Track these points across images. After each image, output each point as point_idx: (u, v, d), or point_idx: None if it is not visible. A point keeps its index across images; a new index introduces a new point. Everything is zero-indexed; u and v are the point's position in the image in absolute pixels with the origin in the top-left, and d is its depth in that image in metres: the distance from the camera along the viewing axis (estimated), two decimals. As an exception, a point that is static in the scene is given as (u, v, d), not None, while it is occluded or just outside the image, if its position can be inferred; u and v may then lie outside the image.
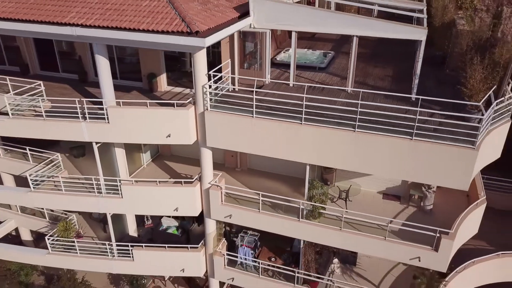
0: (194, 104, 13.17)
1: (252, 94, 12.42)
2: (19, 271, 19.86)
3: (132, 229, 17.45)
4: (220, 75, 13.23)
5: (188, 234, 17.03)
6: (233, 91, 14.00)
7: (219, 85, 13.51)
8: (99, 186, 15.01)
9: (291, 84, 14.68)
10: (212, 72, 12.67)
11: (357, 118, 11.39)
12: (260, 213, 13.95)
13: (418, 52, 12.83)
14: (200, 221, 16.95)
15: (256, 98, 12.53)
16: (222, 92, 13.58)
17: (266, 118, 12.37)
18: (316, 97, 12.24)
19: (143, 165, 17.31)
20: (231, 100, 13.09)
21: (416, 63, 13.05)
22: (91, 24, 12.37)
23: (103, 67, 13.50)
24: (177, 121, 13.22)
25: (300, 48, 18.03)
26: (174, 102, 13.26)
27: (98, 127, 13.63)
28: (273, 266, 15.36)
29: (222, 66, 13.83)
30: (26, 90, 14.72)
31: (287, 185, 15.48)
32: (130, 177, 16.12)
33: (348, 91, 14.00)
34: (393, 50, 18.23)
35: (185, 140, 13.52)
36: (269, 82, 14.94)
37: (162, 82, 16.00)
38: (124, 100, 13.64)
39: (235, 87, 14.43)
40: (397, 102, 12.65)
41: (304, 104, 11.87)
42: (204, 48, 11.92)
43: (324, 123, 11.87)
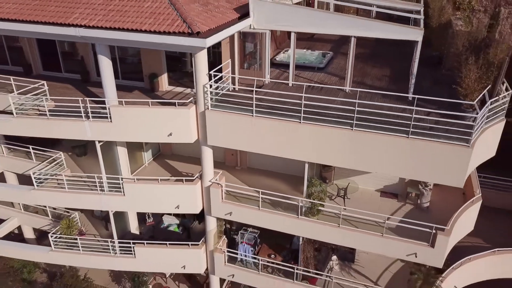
0: (195, 103, 13.40)
1: (252, 94, 12.63)
2: (22, 269, 20.05)
3: (134, 227, 17.66)
4: (221, 75, 13.45)
5: (189, 232, 17.23)
6: (234, 91, 14.20)
7: (220, 85, 13.74)
8: (102, 184, 15.23)
9: (291, 84, 14.89)
10: (213, 72, 12.90)
11: (355, 117, 11.62)
12: (260, 211, 14.15)
13: (415, 53, 13.07)
14: (201, 219, 17.16)
15: (256, 98, 12.74)
16: (223, 92, 13.81)
17: (266, 117, 12.59)
18: (315, 97, 12.43)
19: (145, 164, 17.53)
20: (232, 100, 13.33)
21: (413, 63, 13.30)
22: (94, 25, 12.57)
23: (106, 67, 13.71)
24: (179, 120, 13.44)
25: (299, 49, 18.22)
26: (176, 102, 13.48)
27: (101, 126, 13.84)
28: (273, 263, 15.57)
29: (223, 66, 14.02)
30: (30, 90, 14.92)
31: (286, 183, 15.70)
32: (132, 176, 16.34)
33: (346, 91, 14.24)
34: (391, 51, 18.43)
35: (186, 139, 13.75)
36: (269, 82, 15.16)
37: (164, 82, 16.21)
38: (127, 100, 13.86)
39: (235, 87, 14.63)
40: (394, 101, 12.86)
41: (303, 103, 12.09)
42: (205, 49, 12.13)
43: (323, 122, 12.10)
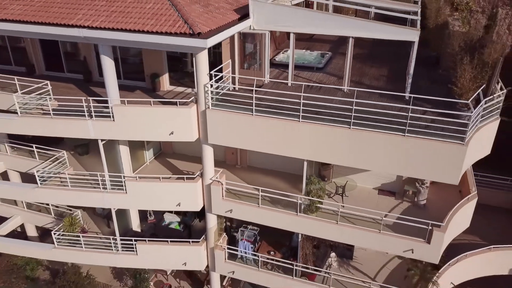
0: (196, 103, 13.66)
1: (252, 93, 12.87)
2: (25, 266, 20.31)
3: (136, 225, 17.91)
4: (221, 75, 13.71)
5: (190, 229, 17.47)
6: (234, 90, 14.46)
7: (220, 84, 13.99)
8: (104, 182, 15.48)
9: (290, 84, 15.11)
10: (214, 72, 13.16)
11: (352, 116, 11.88)
12: (260, 208, 14.40)
13: (411, 53, 13.30)
14: (201, 217, 17.40)
15: (256, 97, 12.98)
16: (223, 91, 14.07)
17: (265, 116, 12.84)
18: (314, 96, 12.63)
19: (146, 162, 17.77)
20: (232, 99, 13.61)
21: (409, 63, 13.54)
22: (97, 26, 12.79)
23: (108, 67, 13.95)
24: (180, 119, 13.70)
25: (299, 49, 18.42)
26: (177, 101, 13.74)
27: (104, 125, 14.09)
28: (272, 260, 15.81)
29: (223, 66, 14.24)
30: (33, 90, 15.16)
31: (286, 181, 15.92)
32: (134, 174, 16.58)
33: (344, 90, 14.48)
34: (389, 51, 18.63)
35: (188, 137, 14.00)
36: (268, 82, 15.40)
37: (165, 82, 16.46)
38: (129, 99, 14.10)
39: (236, 86, 14.87)
40: (392, 101, 13.13)
41: (302, 103, 12.35)
42: (206, 49, 12.38)
43: (321, 121, 12.34)
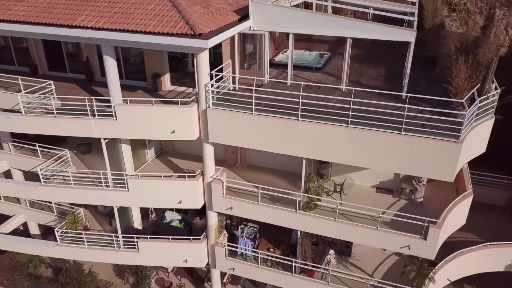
0: (197, 102, 13.91)
1: (252, 93, 13.12)
2: (28, 264, 20.55)
3: (137, 222, 18.16)
4: (222, 75, 13.97)
5: (191, 227, 17.68)
6: (234, 90, 14.73)
7: (221, 84, 14.24)
8: (107, 180, 15.73)
9: (289, 83, 15.37)
10: (214, 72, 13.42)
11: (350, 115, 12.14)
12: (260, 205, 14.65)
13: (408, 53, 13.56)
14: (202, 215, 17.59)
15: (256, 96, 13.22)
16: (224, 91, 14.34)
17: (265, 115, 13.08)
18: (312, 95, 12.87)
19: (148, 161, 18.02)
20: (232, 98, 13.88)
21: (406, 63, 13.80)
22: (100, 27, 13.03)
23: (111, 67, 14.19)
24: (181, 118, 13.94)
25: (298, 49, 18.71)
26: (178, 100, 14.00)
27: (107, 124, 14.33)
28: (272, 256, 16.06)
29: (223, 66, 14.48)
30: (37, 89, 15.41)
31: (285, 180, 16.17)
32: (136, 172, 16.83)
33: (343, 90, 14.75)
34: (387, 52, 18.85)
35: (189, 136, 14.25)
36: (268, 81, 15.66)
37: (166, 82, 16.69)
38: (132, 98, 14.36)
39: (236, 86, 15.12)
40: (389, 100, 13.38)
41: (301, 102, 12.62)
42: (207, 49, 12.64)
43: (320, 120, 12.58)
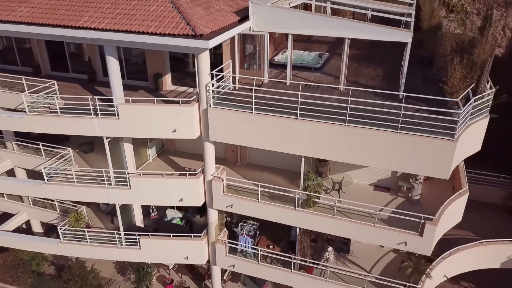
0: (198, 102, 14.17)
1: (252, 92, 13.36)
2: (31, 261, 20.82)
3: (139, 220, 18.43)
4: (222, 75, 14.24)
5: (192, 225, 17.97)
6: (234, 90, 14.99)
7: (221, 84, 14.50)
8: (109, 178, 15.98)
9: (288, 83, 15.65)
10: (215, 72, 13.69)
11: (347, 114, 12.40)
12: (259, 203, 14.90)
13: (405, 53, 13.84)
14: (202, 213, 17.89)
15: (255, 96, 13.45)
16: (224, 90, 14.61)
17: (265, 114, 13.33)
18: (311, 95, 13.13)
19: (149, 160, 18.28)
20: (232, 98, 14.15)
21: (403, 64, 14.08)
22: (103, 28, 13.29)
23: (113, 67, 14.43)
24: (182, 117, 14.19)
25: (297, 50, 18.99)
26: (180, 100, 14.27)
27: (109, 123, 14.58)
28: (272, 253, 16.33)
29: (224, 66, 14.73)
30: (40, 89, 15.65)
31: (284, 178, 16.42)
32: (138, 170, 17.08)
33: (341, 89, 15.02)
34: (385, 52, 19.13)
35: (190, 135, 14.50)
36: (268, 81, 15.93)
37: (167, 82, 16.92)
38: (134, 98, 14.62)
39: (236, 86, 15.38)
40: (386, 99, 13.63)
41: (299, 101, 12.87)
42: (208, 50, 12.89)
43: (318, 118, 12.83)
